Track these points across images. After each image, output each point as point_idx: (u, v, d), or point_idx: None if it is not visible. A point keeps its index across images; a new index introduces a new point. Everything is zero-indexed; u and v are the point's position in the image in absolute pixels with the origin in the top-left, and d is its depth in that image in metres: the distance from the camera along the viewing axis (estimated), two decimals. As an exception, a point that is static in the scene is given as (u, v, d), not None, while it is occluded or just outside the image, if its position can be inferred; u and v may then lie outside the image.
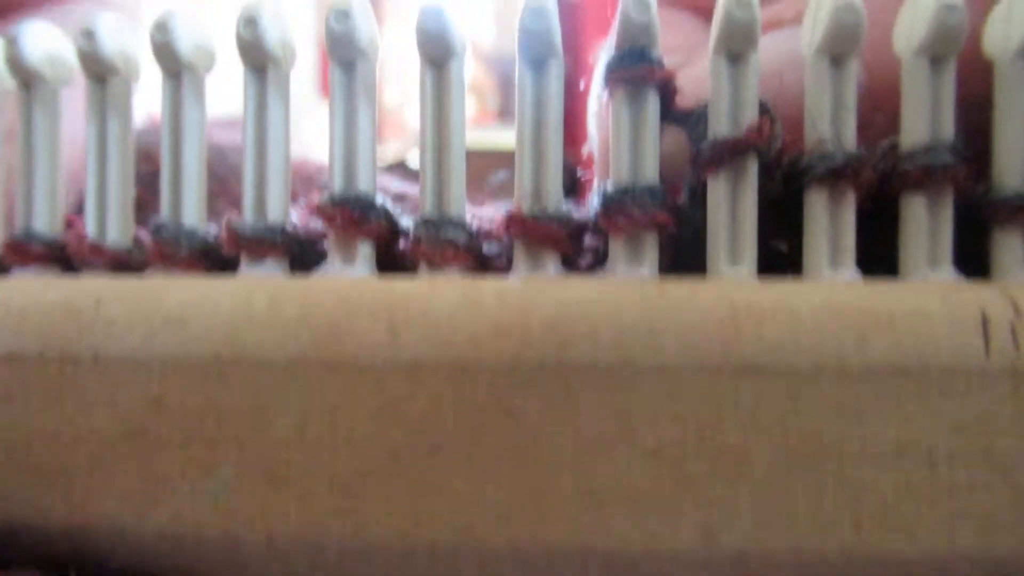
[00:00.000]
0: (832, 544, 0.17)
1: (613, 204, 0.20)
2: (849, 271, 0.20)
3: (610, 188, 0.20)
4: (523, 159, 0.20)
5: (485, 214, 0.21)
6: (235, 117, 0.21)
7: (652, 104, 0.20)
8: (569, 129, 0.21)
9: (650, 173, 0.20)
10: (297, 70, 0.22)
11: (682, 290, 0.18)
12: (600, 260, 0.21)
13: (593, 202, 0.21)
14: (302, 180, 0.22)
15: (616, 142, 0.20)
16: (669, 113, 0.21)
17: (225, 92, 0.25)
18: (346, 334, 0.17)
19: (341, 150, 0.21)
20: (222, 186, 0.32)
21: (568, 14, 0.20)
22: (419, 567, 0.18)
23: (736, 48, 0.20)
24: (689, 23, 0.26)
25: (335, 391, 0.17)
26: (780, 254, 0.23)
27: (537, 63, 0.20)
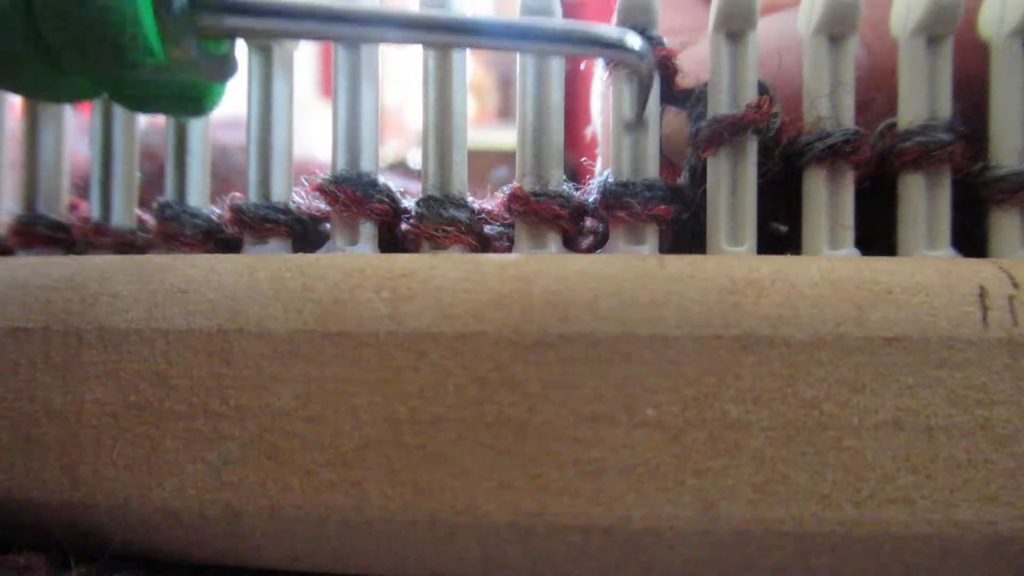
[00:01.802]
0: (831, 515, 0.17)
1: (613, 197, 0.20)
2: (848, 250, 0.20)
3: (611, 177, 0.20)
4: (524, 138, 0.20)
5: (486, 206, 0.21)
6: (238, 117, 0.21)
7: (654, 83, 0.20)
8: (568, 117, 0.21)
9: (651, 155, 0.20)
10: (297, 70, 0.22)
11: (682, 263, 0.18)
12: (601, 241, 0.21)
13: (595, 185, 0.21)
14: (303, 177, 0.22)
15: (616, 123, 0.20)
16: (670, 93, 0.21)
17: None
18: (348, 307, 0.18)
19: (344, 130, 0.21)
20: (225, 185, 0.32)
21: (570, 10, 0.20)
22: (420, 539, 0.18)
23: (735, 27, 0.20)
24: (690, 5, 0.26)
25: (337, 364, 0.17)
26: (780, 235, 0.23)
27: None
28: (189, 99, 0.18)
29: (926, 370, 0.17)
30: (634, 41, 0.18)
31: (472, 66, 0.22)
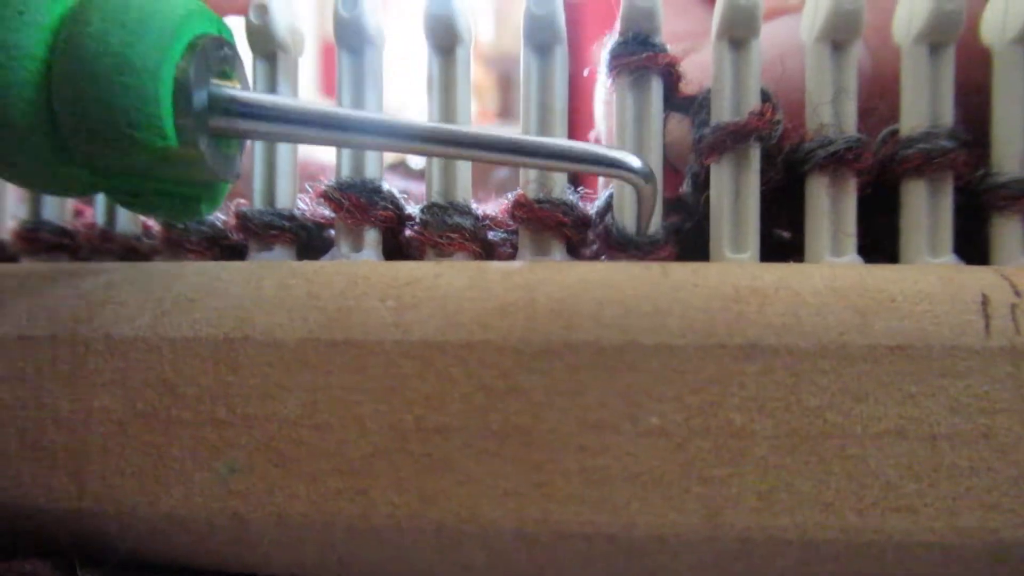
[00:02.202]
0: (835, 523, 0.17)
1: (616, 243, 0.20)
2: (850, 257, 0.20)
3: (615, 219, 0.20)
4: (528, 144, 0.20)
5: (489, 209, 0.22)
6: None
7: (656, 91, 0.20)
8: (571, 123, 0.21)
9: (654, 161, 0.20)
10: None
11: (686, 271, 0.18)
12: (604, 251, 0.22)
13: (596, 209, 0.21)
14: (305, 179, 0.22)
15: (620, 129, 0.21)
16: (673, 100, 0.21)
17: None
18: (354, 315, 0.18)
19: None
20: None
21: (571, 11, 0.20)
22: (426, 547, 0.18)
23: (739, 34, 0.20)
24: (694, 9, 0.26)
25: (343, 372, 0.18)
26: (783, 242, 0.23)
27: (542, 48, 0.20)
28: (188, 200, 0.18)
29: (929, 378, 0.17)
30: (634, 161, 0.18)
31: (472, 67, 0.22)
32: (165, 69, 0.16)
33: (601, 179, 0.26)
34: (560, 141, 0.19)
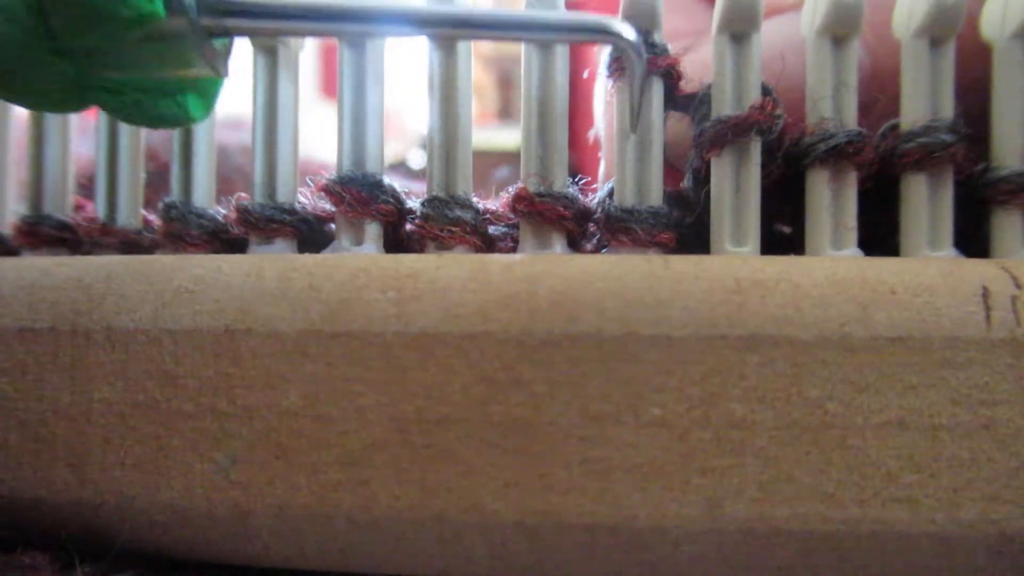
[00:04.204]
0: (835, 514, 0.17)
1: (616, 221, 0.20)
2: (851, 250, 0.20)
3: (614, 197, 0.20)
4: (529, 139, 0.21)
5: (490, 207, 0.22)
6: (238, 117, 0.21)
7: (656, 91, 0.20)
8: (571, 118, 0.21)
9: (655, 180, 0.20)
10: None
11: (687, 264, 0.18)
12: (605, 244, 0.22)
13: (598, 199, 0.21)
14: (304, 178, 0.22)
15: (620, 132, 0.21)
16: (673, 99, 0.21)
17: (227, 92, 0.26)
18: (355, 307, 0.18)
19: (350, 130, 0.21)
20: (226, 185, 0.32)
21: (570, 3, 0.20)
22: (427, 538, 0.18)
23: (740, 28, 0.20)
24: (694, 7, 0.26)
25: (344, 363, 0.18)
26: (783, 237, 0.23)
27: (543, 45, 0.20)
28: (177, 97, 0.18)
29: (930, 370, 0.17)
30: (624, 29, 0.18)
31: (472, 67, 0.22)
32: None
33: (601, 173, 0.26)
34: (549, 12, 0.19)
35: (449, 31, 0.18)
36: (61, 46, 0.17)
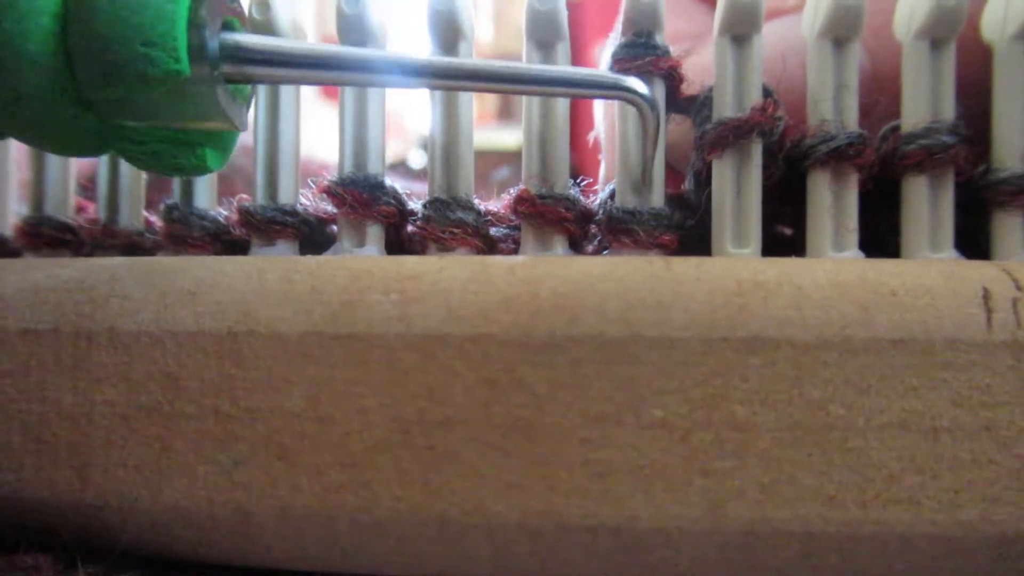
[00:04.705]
0: (837, 515, 0.17)
1: (618, 223, 0.20)
2: (852, 252, 0.20)
3: (616, 199, 0.20)
4: (531, 141, 0.21)
5: (492, 208, 0.22)
6: None
7: (658, 94, 0.20)
8: (571, 120, 0.21)
9: (657, 183, 0.20)
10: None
11: (688, 265, 0.18)
12: (606, 244, 0.22)
13: (600, 201, 0.21)
14: (304, 177, 0.22)
15: (623, 131, 0.21)
16: (674, 101, 0.21)
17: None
18: (357, 309, 0.18)
19: (351, 133, 0.21)
20: (227, 186, 0.32)
21: (572, 11, 0.20)
22: (429, 539, 0.18)
23: (741, 30, 0.20)
24: (695, 10, 0.26)
25: (347, 365, 0.18)
26: (784, 239, 0.23)
27: (545, 45, 0.20)
28: (195, 149, 0.18)
29: (931, 372, 0.17)
30: (638, 85, 0.18)
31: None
32: (179, 20, 0.16)
33: (603, 172, 0.26)
34: (564, 68, 0.19)
35: (468, 84, 0.18)
36: (85, 97, 0.17)
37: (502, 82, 0.18)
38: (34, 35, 0.16)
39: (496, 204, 0.22)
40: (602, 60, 0.21)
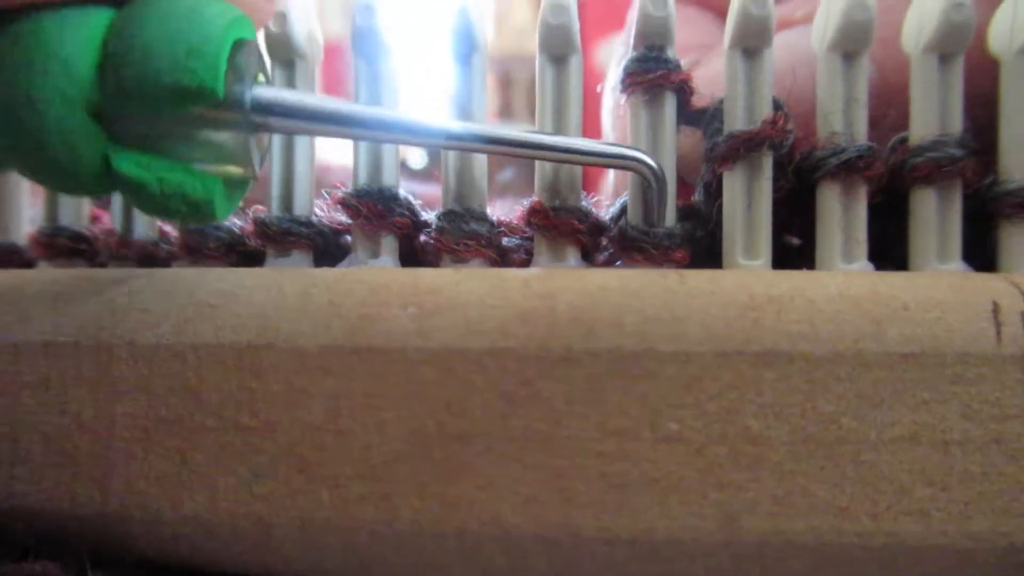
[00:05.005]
0: (849, 527, 0.17)
1: (631, 241, 0.20)
2: (861, 264, 0.20)
3: (628, 216, 0.21)
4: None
5: (504, 219, 0.22)
6: None
7: (669, 106, 0.21)
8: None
9: (667, 174, 0.20)
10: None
11: (702, 279, 0.18)
12: (617, 257, 0.22)
13: (611, 215, 0.21)
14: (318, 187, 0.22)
15: (634, 142, 0.21)
16: (685, 113, 0.21)
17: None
18: (376, 322, 0.18)
19: (366, 144, 0.21)
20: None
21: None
22: (448, 552, 0.18)
23: (751, 44, 0.20)
24: (703, 20, 0.26)
25: (365, 379, 0.18)
26: (794, 249, 0.24)
27: (557, 58, 0.21)
28: (204, 197, 0.18)
29: (942, 385, 0.17)
30: (649, 159, 0.19)
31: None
32: (224, 46, 0.17)
33: (611, 182, 0.26)
34: (582, 140, 0.19)
35: (483, 147, 0.19)
36: (103, 108, 0.17)
37: (516, 148, 0.19)
38: (65, 96, 0.17)
39: (504, 211, 0.22)
40: (606, 61, 0.22)
